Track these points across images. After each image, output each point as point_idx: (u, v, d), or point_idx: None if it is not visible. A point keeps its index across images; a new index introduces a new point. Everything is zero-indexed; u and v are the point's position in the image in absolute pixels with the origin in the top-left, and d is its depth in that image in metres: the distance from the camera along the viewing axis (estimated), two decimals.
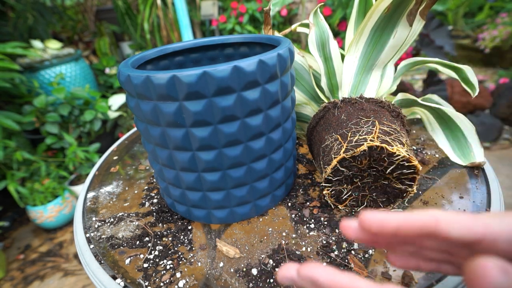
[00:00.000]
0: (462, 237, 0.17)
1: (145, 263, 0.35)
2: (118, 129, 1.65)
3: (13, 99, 1.32)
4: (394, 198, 0.38)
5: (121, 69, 0.33)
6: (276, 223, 0.39)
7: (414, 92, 1.70)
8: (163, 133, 0.33)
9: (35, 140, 1.38)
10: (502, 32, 2.20)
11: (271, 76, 0.32)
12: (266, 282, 0.31)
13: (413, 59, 0.47)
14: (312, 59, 0.51)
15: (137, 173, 0.53)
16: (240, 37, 0.45)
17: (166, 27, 2.00)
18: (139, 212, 0.43)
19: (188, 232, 0.39)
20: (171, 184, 0.38)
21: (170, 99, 0.30)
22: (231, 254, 0.35)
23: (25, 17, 1.56)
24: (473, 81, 0.42)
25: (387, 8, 0.37)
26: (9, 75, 1.16)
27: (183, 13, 1.62)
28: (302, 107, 0.50)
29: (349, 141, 0.34)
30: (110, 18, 2.34)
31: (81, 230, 0.41)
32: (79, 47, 2.26)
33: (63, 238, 1.33)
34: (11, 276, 1.17)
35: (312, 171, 0.48)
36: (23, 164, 1.22)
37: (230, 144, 0.33)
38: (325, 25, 0.45)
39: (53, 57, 1.50)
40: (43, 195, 1.24)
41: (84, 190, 0.50)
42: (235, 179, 0.35)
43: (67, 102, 1.31)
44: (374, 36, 0.40)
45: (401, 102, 0.46)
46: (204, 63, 0.48)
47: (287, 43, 0.35)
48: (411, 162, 0.33)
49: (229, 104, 0.30)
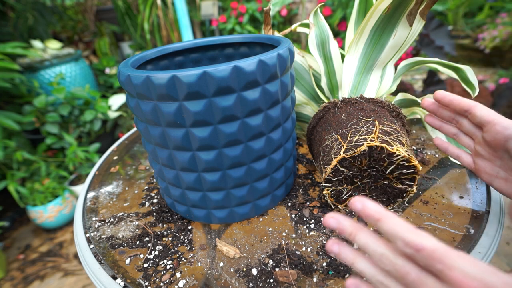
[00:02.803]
0: (482, 117, 0.31)
1: (145, 263, 0.35)
2: (118, 129, 1.65)
3: (13, 99, 1.32)
4: (394, 198, 0.38)
5: (121, 69, 0.33)
6: (276, 223, 0.39)
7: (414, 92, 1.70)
8: (163, 133, 0.33)
9: (35, 140, 1.38)
10: (502, 32, 2.20)
11: (271, 76, 0.32)
12: (266, 282, 0.31)
13: (413, 59, 0.47)
14: (312, 59, 0.51)
15: (137, 173, 0.53)
16: (240, 37, 0.45)
17: (166, 27, 2.00)
18: (139, 212, 0.43)
19: (188, 232, 0.39)
20: (171, 184, 0.38)
21: (170, 99, 0.30)
22: (231, 254, 0.35)
23: (25, 17, 1.56)
24: (473, 81, 0.42)
25: (387, 8, 0.37)
26: (9, 75, 1.16)
27: (183, 13, 1.62)
28: (302, 107, 0.50)
29: (349, 141, 0.34)
30: (110, 18, 2.34)
31: (81, 230, 0.41)
32: (79, 47, 2.26)
33: (63, 238, 1.33)
34: (11, 276, 1.17)
35: (312, 171, 0.48)
36: (23, 164, 1.22)
37: (230, 144, 0.33)
38: (325, 25, 0.45)
39: (53, 57, 1.50)
40: (43, 195, 1.24)
41: (84, 190, 0.50)
42: (235, 179, 0.35)
43: (67, 102, 1.31)
44: (374, 36, 0.40)
45: (401, 102, 0.46)
46: (204, 63, 0.48)
47: (287, 43, 0.35)
48: (411, 162, 0.33)
49: (229, 104, 0.30)
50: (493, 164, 0.33)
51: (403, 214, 0.38)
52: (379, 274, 0.21)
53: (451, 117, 0.35)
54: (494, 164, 0.33)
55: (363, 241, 0.21)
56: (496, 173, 0.33)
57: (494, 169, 0.33)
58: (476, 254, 0.32)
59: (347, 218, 0.22)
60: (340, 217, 0.22)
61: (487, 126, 0.31)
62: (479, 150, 0.34)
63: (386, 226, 0.20)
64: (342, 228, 0.22)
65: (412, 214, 0.38)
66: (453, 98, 0.33)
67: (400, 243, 0.19)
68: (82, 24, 2.37)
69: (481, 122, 0.32)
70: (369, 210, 0.21)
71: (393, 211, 0.39)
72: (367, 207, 0.21)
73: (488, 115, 0.31)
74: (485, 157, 0.33)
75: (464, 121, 0.34)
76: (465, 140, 0.35)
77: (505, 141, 0.30)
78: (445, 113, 0.36)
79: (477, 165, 0.35)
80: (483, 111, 0.31)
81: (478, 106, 0.32)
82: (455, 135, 0.36)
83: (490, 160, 0.33)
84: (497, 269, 0.18)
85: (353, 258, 0.22)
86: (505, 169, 0.32)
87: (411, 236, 0.19)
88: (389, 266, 0.20)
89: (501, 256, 1.04)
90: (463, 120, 0.35)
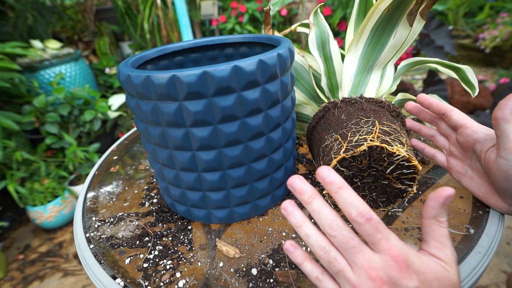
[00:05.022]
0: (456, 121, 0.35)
1: (145, 263, 0.35)
2: (118, 129, 1.65)
3: (13, 99, 1.32)
4: (394, 198, 0.38)
5: (121, 69, 0.33)
6: (276, 223, 0.39)
7: (414, 92, 1.70)
8: (163, 133, 0.33)
9: (35, 140, 1.38)
10: (503, 32, 2.20)
11: (271, 76, 0.32)
12: (266, 282, 0.31)
13: (413, 59, 0.47)
14: (312, 59, 0.51)
15: (137, 173, 0.53)
16: (240, 37, 0.45)
17: (166, 27, 2.00)
18: (139, 212, 0.43)
19: (188, 232, 0.39)
20: (171, 184, 0.38)
21: (170, 99, 0.30)
22: (231, 254, 0.35)
23: (24, 17, 1.55)
24: (473, 81, 0.42)
25: (387, 8, 0.37)
26: (9, 75, 1.16)
27: (183, 13, 1.62)
28: (302, 107, 0.50)
29: (349, 141, 0.34)
30: (110, 18, 2.33)
31: (81, 230, 0.41)
32: (79, 47, 2.26)
33: (63, 238, 1.33)
34: (10, 276, 1.17)
35: (312, 171, 0.48)
36: (23, 164, 1.22)
37: (230, 144, 0.33)
38: (325, 25, 0.45)
39: (53, 57, 1.50)
40: (43, 195, 1.24)
41: (84, 190, 0.50)
42: (235, 179, 0.35)
43: (67, 102, 1.31)
44: (374, 36, 0.40)
45: (401, 102, 0.46)
46: (204, 63, 0.48)
47: (287, 43, 0.35)
48: (411, 162, 0.33)
49: (229, 104, 0.30)
50: (463, 163, 0.37)
51: (403, 214, 0.38)
52: (322, 239, 0.23)
53: (431, 119, 0.39)
54: (464, 163, 0.37)
55: (318, 205, 0.23)
56: (464, 171, 0.37)
57: (464, 168, 0.37)
58: (476, 254, 0.32)
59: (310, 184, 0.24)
60: (305, 181, 0.24)
61: (460, 129, 0.35)
62: (453, 150, 0.38)
63: (346, 194, 0.22)
64: (304, 189, 0.23)
65: (412, 214, 0.38)
66: (432, 102, 0.37)
67: (354, 212, 0.22)
68: (82, 24, 2.37)
69: (455, 125, 0.36)
70: (335, 176, 0.22)
71: (393, 211, 0.39)
72: (334, 173, 0.23)
73: (462, 119, 0.35)
74: (457, 156, 0.37)
75: (442, 123, 0.38)
76: (442, 141, 0.39)
77: (473, 144, 0.34)
78: (426, 115, 0.40)
79: (449, 164, 0.38)
80: (458, 116, 0.35)
81: (454, 111, 0.36)
82: (432, 137, 0.40)
83: (461, 160, 0.37)
84: None
85: (303, 220, 0.24)
86: (472, 169, 0.36)
87: (364, 207, 0.22)
88: (336, 231, 0.22)
89: (501, 256, 1.04)
90: (441, 122, 0.38)
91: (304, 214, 0.24)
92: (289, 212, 0.24)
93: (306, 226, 0.24)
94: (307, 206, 0.23)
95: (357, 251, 0.22)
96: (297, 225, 0.24)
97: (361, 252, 0.22)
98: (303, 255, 0.25)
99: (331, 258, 0.23)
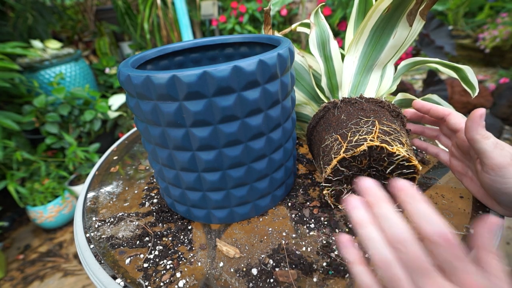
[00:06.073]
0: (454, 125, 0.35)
1: (145, 263, 0.35)
2: (118, 129, 1.65)
3: (13, 99, 1.32)
4: None
5: (121, 69, 0.33)
6: (276, 223, 0.39)
7: (414, 92, 1.70)
8: (163, 133, 0.33)
9: (35, 140, 1.38)
10: (503, 32, 2.20)
11: (271, 76, 0.32)
12: (266, 282, 0.31)
13: (413, 59, 0.47)
14: (312, 59, 0.51)
15: (137, 173, 0.53)
16: (240, 37, 0.45)
17: (166, 27, 2.00)
18: (139, 212, 0.43)
19: (188, 232, 0.39)
20: (171, 184, 0.38)
21: (170, 99, 0.30)
22: (231, 254, 0.35)
23: (24, 17, 1.55)
24: (473, 81, 0.42)
25: (387, 8, 0.37)
26: (9, 75, 1.16)
27: (183, 13, 1.62)
28: (302, 107, 0.50)
29: (349, 141, 0.34)
30: (110, 18, 2.33)
31: (81, 230, 0.41)
32: (79, 47, 2.26)
33: (63, 238, 1.33)
34: (11, 276, 1.17)
35: (312, 171, 0.48)
36: (23, 164, 1.22)
37: (230, 144, 0.33)
38: (325, 25, 0.45)
39: (53, 57, 1.50)
40: (43, 195, 1.24)
41: (84, 190, 0.50)
42: (235, 179, 0.35)
43: (67, 102, 1.31)
44: (374, 36, 0.40)
45: (401, 102, 0.46)
46: (204, 63, 0.48)
47: (287, 43, 0.35)
48: (411, 162, 0.33)
49: (229, 104, 0.30)
50: (463, 164, 0.38)
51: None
52: (388, 251, 0.19)
53: (433, 122, 0.40)
54: (464, 164, 0.37)
55: (388, 210, 0.20)
56: (465, 172, 0.37)
57: (464, 168, 0.38)
58: None
59: None
60: (376, 182, 0.21)
61: (457, 133, 0.36)
62: (454, 151, 0.38)
63: (421, 205, 0.19)
64: (374, 191, 0.20)
65: None
66: (430, 108, 0.37)
67: (430, 229, 0.18)
68: (82, 24, 2.37)
69: (453, 128, 0.36)
70: (408, 187, 0.20)
71: None
72: (407, 184, 0.20)
73: (459, 123, 0.35)
74: (458, 157, 0.38)
75: (443, 126, 0.39)
76: (445, 141, 0.40)
77: (469, 149, 0.35)
78: (428, 120, 0.41)
79: (452, 163, 0.39)
80: (455, 120, 0.36)
81: (452, 115, 0.36)
82: (437, 137, 0.41)
83: (461, 161, 0.38)
84: None
85: (370, 220, 0.20)
86: (471, 170, 0.37)
87: (443, 226, 0.18)
88: (407, 246, 0.19)
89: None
90: (442, 124, 0.39)
91: (367, 211, 0.21)
92: (354, 206, 0.21)
93: (372, 228, 0.20)
94: (374, 208, 0.20)
95: (427, 276, 0.18)
96: (360, 224, 0.20)
97: (432, 278, 0.18)
98: (358, 257, 0.22)
99: (395, 276, 0.19)
